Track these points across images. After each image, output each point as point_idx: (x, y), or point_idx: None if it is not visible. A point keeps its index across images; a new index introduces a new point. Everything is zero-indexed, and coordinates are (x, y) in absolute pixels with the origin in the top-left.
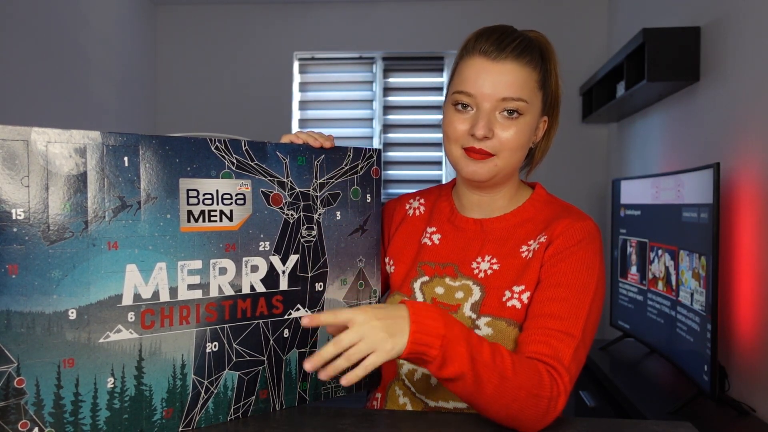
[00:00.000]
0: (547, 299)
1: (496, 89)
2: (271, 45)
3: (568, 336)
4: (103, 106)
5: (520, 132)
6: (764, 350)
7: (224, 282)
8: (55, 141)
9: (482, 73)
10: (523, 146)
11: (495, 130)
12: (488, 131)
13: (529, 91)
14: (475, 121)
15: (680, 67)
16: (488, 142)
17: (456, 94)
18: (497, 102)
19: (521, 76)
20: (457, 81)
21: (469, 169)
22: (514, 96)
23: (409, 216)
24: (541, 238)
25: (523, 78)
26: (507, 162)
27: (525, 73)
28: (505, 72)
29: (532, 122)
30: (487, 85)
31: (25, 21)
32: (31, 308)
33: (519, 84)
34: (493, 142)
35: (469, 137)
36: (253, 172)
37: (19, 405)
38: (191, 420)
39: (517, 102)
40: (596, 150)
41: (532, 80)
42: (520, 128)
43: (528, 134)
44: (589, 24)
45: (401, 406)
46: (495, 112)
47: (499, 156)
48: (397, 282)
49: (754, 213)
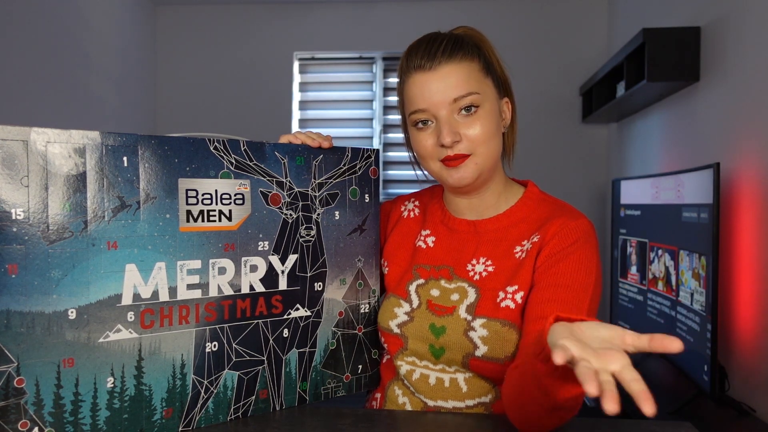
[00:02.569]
0: (546, 300)
1: (444, 95)
2: (271, 45)
3: None
4: (103, 106)
5: (485, 123)
6: (764, 350)
7: (223, 282)
8: (54, 141)
9: (425, 85)
10: (494, 135)
11: (460, 132)
12: (455, 135)
13: (476, 82)
14: (438, 132)
15: (680, 67)
16: (459, 145)
17: (412, 115)
18: (450, 105)
19: (462, 73)
20: (408, 103)
21: (453, 177)
22: (463, 93)
23: (403, 218)
24: (534, 238)
25: (464, 73)
26: (485, 157)
27: (464, 68)
28: (445, 75)
29: (493, 109)
30: (434, 94)
31: (25, 21)
32: (31, 308)
33: (463, 80)
34: (464, 143)
35: (440, 149)
36: (252, 172)
37: (19, 405)
38: (191, 420)
39: (469, 97)
40: (596, 150)
41: (475, 71)
42: (483, 120)
43: (494, 122)
44: (589, 24)
45: (400, 406)
46: (453, 115)
47: (476, 153)
48: (391, 284)
49: (754, 213)
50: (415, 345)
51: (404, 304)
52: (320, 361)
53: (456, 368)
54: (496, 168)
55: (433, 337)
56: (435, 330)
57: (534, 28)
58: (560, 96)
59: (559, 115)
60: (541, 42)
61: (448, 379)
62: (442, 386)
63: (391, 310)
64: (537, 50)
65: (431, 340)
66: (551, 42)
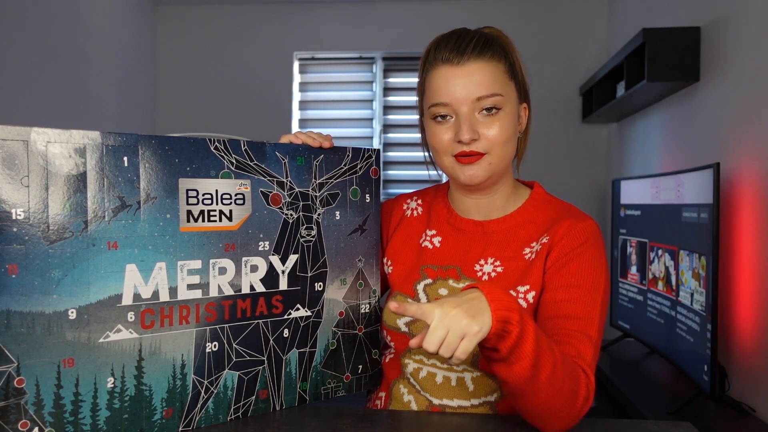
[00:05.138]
0: (560, 300)
1: (468, 91)
2: (271, 45)
3: (586, 337)
4: (103, 106)
5: (504, 126)
6: (764, 350)
7: (224, 282)
8: (54, 141)
9: (450, 79)
10: (511, 138)
11: (479, 131)
12: (473, 133)
13: (501, 84)
14: (458, 128)
15: (680, 67)
16: (476, 143)
17: (432, 107)
18: (473, 103)
19: (489, 72)
20: (429, 95)
21: (465, 174)
22: (487, 93)
23: (407, 217)
24: (544, 239)
25: (490, 73)
26: (499, 158)
27: (491, 68)
28: (472, 72)
29: (513, 113)
30: (458, 90)
31: (25, 21)
32: (31, 308)
33: (489, 80)
34: (481, 142)
35: (456, 144)
36: (253, 172)
37: (19, 405)
38: (191, 420)
39: (493, 98)
40: (596, 150)
41: (501, 72)
42: (502, 122)
43: (512, 126)
44: (589, 24)
45: (405, 405)
46: (474, 113)
47: (491, 153)
48: (397, 283)
49: (754, 213)
50: None
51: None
52: (320, 361)
53: (464, 367)
54: (507, 171)
55: None
56: None
57: (534, 28)
58: (560, 96)
59: (559, 115)
60: (541, 42)
61: (455, 378)
62: (449, 385)
63: None
64: (537, 50)
65: None
66: (551, 42)
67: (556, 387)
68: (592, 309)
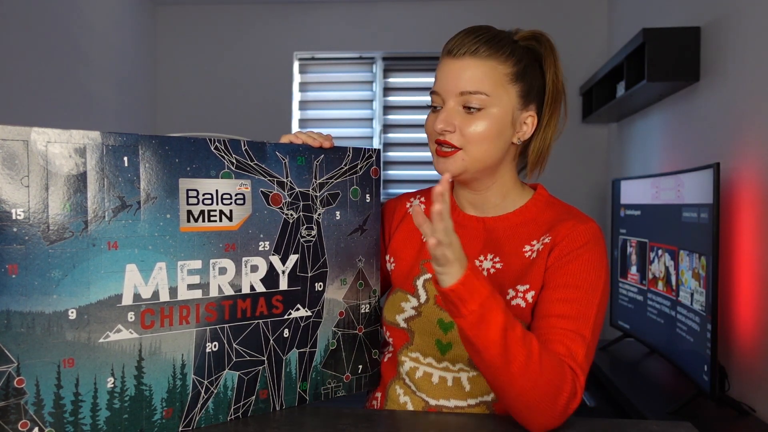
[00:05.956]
0: (556, 300)
1: (456, 85)
2: (271, 45)
3: (580, 336)
4: (103, 106)
5: (484, 125)
6: (764, 350)
7: (224, 282)
8: (54, 141)
9: (444, 70)
10: (492, 139)
11: (456, 124)
12: (447, 125)
13: (492, 84)
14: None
15: (680, 67)
16: (452, 135)
17: (431, 94)
18: (457, 97)
19: (480, 71)
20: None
21: (438, 166)
22: (471, 89)
23: (410, 214)
24: (545, 239)
25: (482, 72)
26: (474, 155)
27: (486, 67)
28: (464, 67)
29: (502, 115)
30: (448, 81)
31: (26, 21)
32: (31, 308)
33: (478, 78)
34: (456, 135)
35: (436, 132)
36: (253, 172)
37: (19, 405)
38: (191, 420)
39: (477, 95)
40: (596, 150)
41: (498, 73)
42: (482, 121)
43: (495, 127)
44: (589, 24)
45: (402, 405)
46: (457, 106)
47: (465, 149)
48: (398, 279)
49: (754, 213)
50: (421, 340)
51: (411, 299)
52: (320, 361)
53: (460, 367)
54: (495, 171)
55: (441, 332)
56: (444, 325)
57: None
58: None
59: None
60: None
61: (451, 378)
62: (445, 385)
63: (398, 305)
64: None
65: (439, 335)
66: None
67: (533, 380)
68: (588, 310)
